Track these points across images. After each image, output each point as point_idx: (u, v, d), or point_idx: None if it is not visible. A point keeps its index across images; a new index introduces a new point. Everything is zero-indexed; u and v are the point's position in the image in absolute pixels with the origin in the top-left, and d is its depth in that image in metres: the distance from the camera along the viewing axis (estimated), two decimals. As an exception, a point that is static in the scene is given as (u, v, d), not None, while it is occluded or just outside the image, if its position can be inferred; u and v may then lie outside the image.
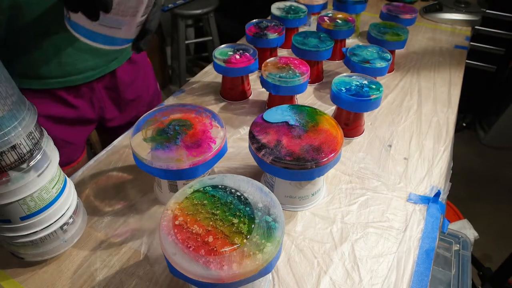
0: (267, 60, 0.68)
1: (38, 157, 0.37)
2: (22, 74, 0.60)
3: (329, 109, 0.73)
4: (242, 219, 0.34)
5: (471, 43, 1.33)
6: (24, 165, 0.36)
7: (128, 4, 0.37)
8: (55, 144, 0.68)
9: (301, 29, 0.91)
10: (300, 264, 0.45)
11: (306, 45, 0.74)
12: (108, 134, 0.80)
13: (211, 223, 0.34)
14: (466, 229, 1.14)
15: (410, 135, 0.66)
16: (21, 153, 0.35)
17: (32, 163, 0.37)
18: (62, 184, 0.42)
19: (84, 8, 0.36)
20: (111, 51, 0.68)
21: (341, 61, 0.89)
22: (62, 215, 0.42)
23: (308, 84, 0.76)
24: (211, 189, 0.37)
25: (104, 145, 0.88)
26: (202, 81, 0.82)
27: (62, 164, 0.70)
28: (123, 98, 0.75)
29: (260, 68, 0.75)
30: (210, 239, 0.32)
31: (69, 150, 0.72)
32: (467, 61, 0.93)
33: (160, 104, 0.75)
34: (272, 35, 0.78)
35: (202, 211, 0.35)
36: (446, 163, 0.61)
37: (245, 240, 0.32)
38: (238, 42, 0.85)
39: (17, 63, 0.59)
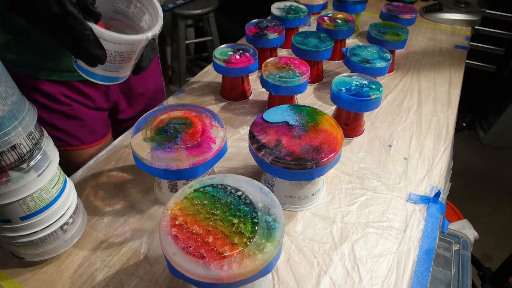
0: (267, 60, 0.67)
1: (38, 157, 0.37)
2: (42, 66, 0.62)
3: (329, 109, 0.73)
4: (242, 219, 0.34)
5: (471, 43, 1.33)
6: (24, 165, 0.36)
7: (122, 56, 0.43)
8: (84, 120, 0.70)
9: (301, 29, 0.91)
10: (300, 264, 0.45)
11: (306, 45, 0.74)
12: (116, 126, 0.82)
13: (211, 223, 0.34)
14: (466, 229, 1.14)
15: (410, 135, 0.66)
16: (21, 153, 0.35)
17: (32, 163, 0.37)
18: (62, 184, 0.42)
19: (84, 59, 0.42)
20: None
21: (341, 61, 0.89)
22: (62, 215, 0.42)
23: (308, 84, 0.76)
24: (211, 189, 0.37)
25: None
26: (202, 81, 0.82)
27: (91, 141, 0.73)
28: (133, 92, 0.77)
29: (260, 68, 0.75)
30: (210, 239, 0.32)
31: (98, 125, 0.74)
32: (467, 61, 0.93)
33: (160, 104, 0.75)
34: (272, 35, 0.78)
35: (202, 211, 0.35)
36: (446, 163, 0.61)
37: (245, 240, 0.32)
38: (238, 42, 0.85)
39: (38, 57, 0.60)
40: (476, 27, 1.14)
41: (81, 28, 0.37)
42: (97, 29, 0.38)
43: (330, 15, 0.87)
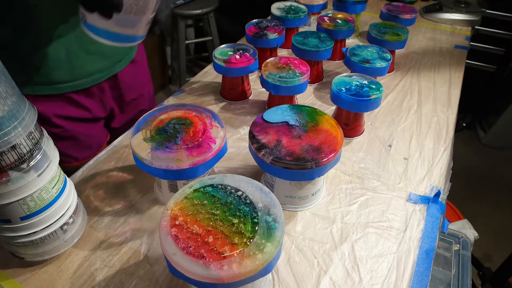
0: (267, 60, 0.67)
1: (38, 157, 0.37)
2: (35, 82, 0.61)
3: (329, 109, 0.73)
4: (242, 219, 0.34)
5: (471, 43, 1.33)
6: (24, 165, 0.36)
7: (138, 4, 0.41)
8: (78, 139, 0.70)
9: (301, 29, 0.91)
10: (300, 264, 0.45)
11: (306, 45, 0.74)
12: (109, 134, 0.81)
13: (211, 223, 0.34)
14: (466, 229, 1.14)
15: (410, 135, 0.66)
16: (21, 153, 0.35)
17: (32, 163, 0.37)
18: (62, 184, 0.42)
19: (99, 8, 0.39)
20: (119, 51, 0.70)
21: (341, 61, 0.89)
22: (62, 215, 0.42)
23: (308, 84, 0.76)
24: (211, 189, 0.37)
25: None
26: (202, 81, 0.82)
27: (85, 157, 0.72)
28: (125, 98, 0.77)
29: (260, 68, 0.75)
30: (210, 239, 0.32)
31: (91, 141, 0.74)
32: (467, 61, 0.93)
33: (160, 104, 0.75)
34: (272, 35, 0.78)
35: (202, 211, 0.35)
36: (446, 163, 0.61)
37: (245, 240, 0.32)
38: (238, 42, 0.85)
39: (29, 72, 0.60)
40: (476, 27, 1.14)
41: None
42: None
43: (330, 15, 0.87)
